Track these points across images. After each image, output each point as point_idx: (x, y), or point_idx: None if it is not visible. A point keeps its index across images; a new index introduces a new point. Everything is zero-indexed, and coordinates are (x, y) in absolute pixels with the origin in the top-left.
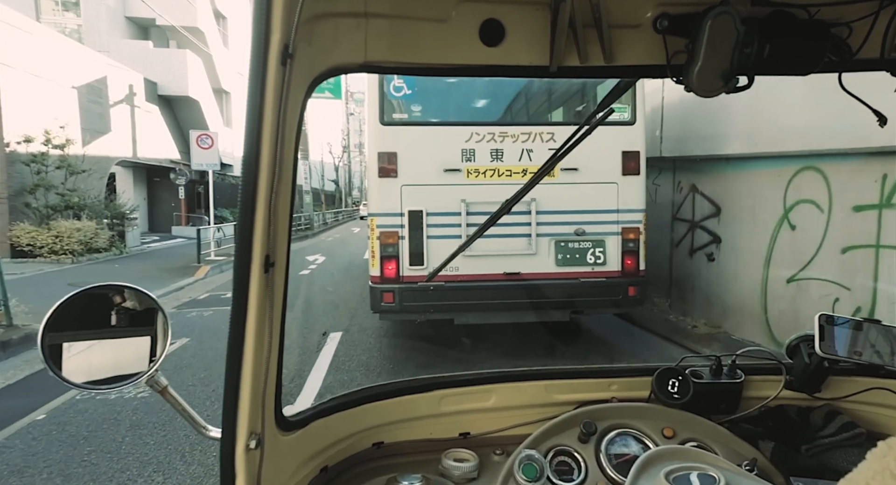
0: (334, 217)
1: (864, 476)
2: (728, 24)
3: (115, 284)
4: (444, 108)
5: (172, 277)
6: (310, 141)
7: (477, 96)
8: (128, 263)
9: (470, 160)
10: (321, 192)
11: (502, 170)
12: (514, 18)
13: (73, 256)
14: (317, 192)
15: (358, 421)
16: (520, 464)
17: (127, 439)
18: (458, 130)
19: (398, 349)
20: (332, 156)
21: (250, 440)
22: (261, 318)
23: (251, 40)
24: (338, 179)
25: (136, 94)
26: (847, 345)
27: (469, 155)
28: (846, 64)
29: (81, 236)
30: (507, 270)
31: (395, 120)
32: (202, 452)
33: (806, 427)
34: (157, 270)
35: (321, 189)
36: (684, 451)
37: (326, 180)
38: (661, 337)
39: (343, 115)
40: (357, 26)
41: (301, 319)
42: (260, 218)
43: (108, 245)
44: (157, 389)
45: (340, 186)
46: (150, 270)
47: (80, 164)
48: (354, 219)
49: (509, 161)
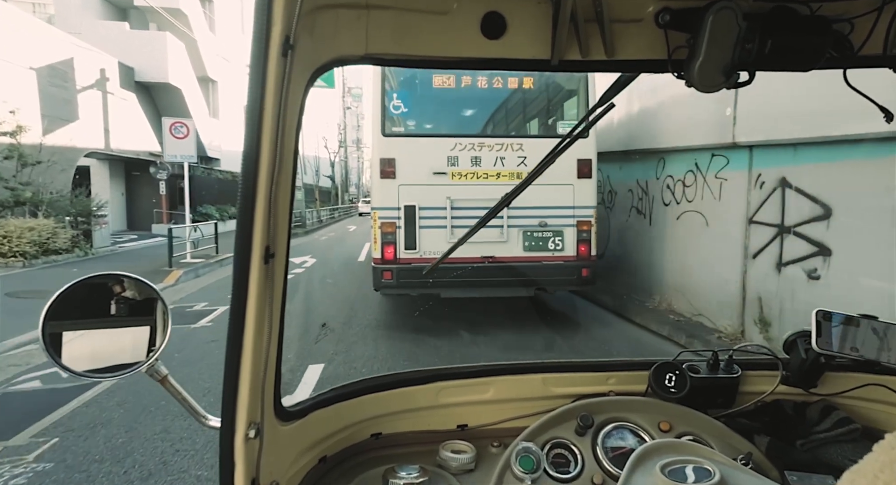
0: (329, 214)
1: (871, 468)
2: (730, 19)
3: (115, 274)
4: (433, 123)
5: None
6: (304, 135)
7: (460, 113)
8: (89, 267)
9: (454, 165)
10: (315, 188)
11: (480, 173)
12: (515, 11)
13: (25, 258)
14: (310, 188)
15: (357, 412)
16: (517, 456)
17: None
18: (444, 141)
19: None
20: (328, 151)
21: (249, 430)
22: (261, 309)
23: (252, 31)
24: (333, 174)
25: (109, 79)
26: (843, 341)
27: (453, 161)
28: (848, 60)
29: (35, 236)
30: (484, 254)
31: (394, 132)
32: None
33: (801, 422)
34: None
35: (315, 185)
36: (680, 444)
37: (322, 176)
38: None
39: (340, 109)
40: (358, 18)
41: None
42: (260, 209)
43: (69, 246)
44: (157, 378)
45: (336, 182)
46: None
47: (37, 153)
48: (352, 216)
49: (485, 166)
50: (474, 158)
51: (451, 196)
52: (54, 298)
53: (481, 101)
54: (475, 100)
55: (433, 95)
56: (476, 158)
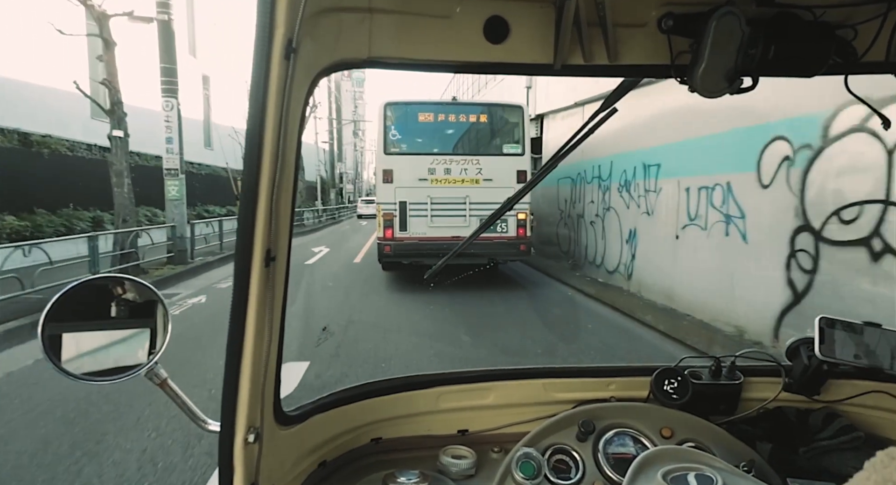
0: (316, 216)
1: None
2: (733, 24)
3: (115, 276)
4: (418, 145)
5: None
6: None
7: (437, 139)
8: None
9: (432, 174)
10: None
11: (450, 179)
12: (518, 16)
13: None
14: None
15: (357, 416)
16: (517, 462)
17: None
18: (426, 158)
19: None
20: (318, 143)
21: (249, 434)
22: (261, 312)
23: (255, 34)
24: (331, 165)
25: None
26: (847, 348)
27: (432, 171)
28: (851, 66)
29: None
30: (453, 235)
31: (392, 151)
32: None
33: (804, 429)
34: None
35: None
36: (682, 451)
37: (316, 170)
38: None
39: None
40: (361, 21)
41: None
42: (262, 212)
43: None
44: (157, 381)
45: (325, 177)
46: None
47: None
48: (345, 220)
49: (454, 175)
50: (446, 168)
51: (430, 195)
52: (55, 300)
53: (451, 130)
54: (447, 129)
55: (418, 127)
56: (447, 168)
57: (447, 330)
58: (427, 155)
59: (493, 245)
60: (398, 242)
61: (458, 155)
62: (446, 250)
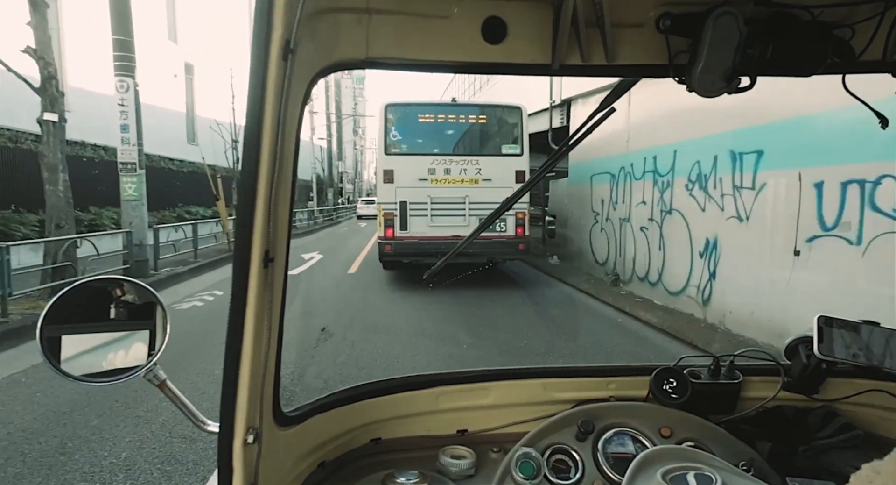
0: (311, 218)
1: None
2: (731, 24)
3: (114, 278)
4: (419, 146)
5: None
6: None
7: (437, 139)
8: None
9: (432, 174)
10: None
11: (449, 179)
12: (516, 16)
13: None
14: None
15: (356, 417)
16: (517, 462)
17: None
18: (426, 158)
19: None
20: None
21: (248, 435)
22: (259, 313)
23: (252, 35)
24: (328, 166)
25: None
26: (845, 347)
27: (432, 171)
28: (849, 66)
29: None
30: (453, 234)
31: (393, 152)
32: None
33: (803, 428)
34: None
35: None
36: (681, 451)
37: (312, 168)
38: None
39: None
40: (359, 22)
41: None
42: (260, 213)
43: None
44: (156, 383)
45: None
46: None
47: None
48: (344, 221)
49: (453, 175)
50: (446, 169)
51: (430, 195)
52: (53, 302)
53: (451, 131)
54: (447, 130)
55: (419, 127)
56: (447, 169)
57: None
58: (427, 155)
59: (492, 244)
60: (399, 242)
61: (458, 155)
62: (446, 249)
